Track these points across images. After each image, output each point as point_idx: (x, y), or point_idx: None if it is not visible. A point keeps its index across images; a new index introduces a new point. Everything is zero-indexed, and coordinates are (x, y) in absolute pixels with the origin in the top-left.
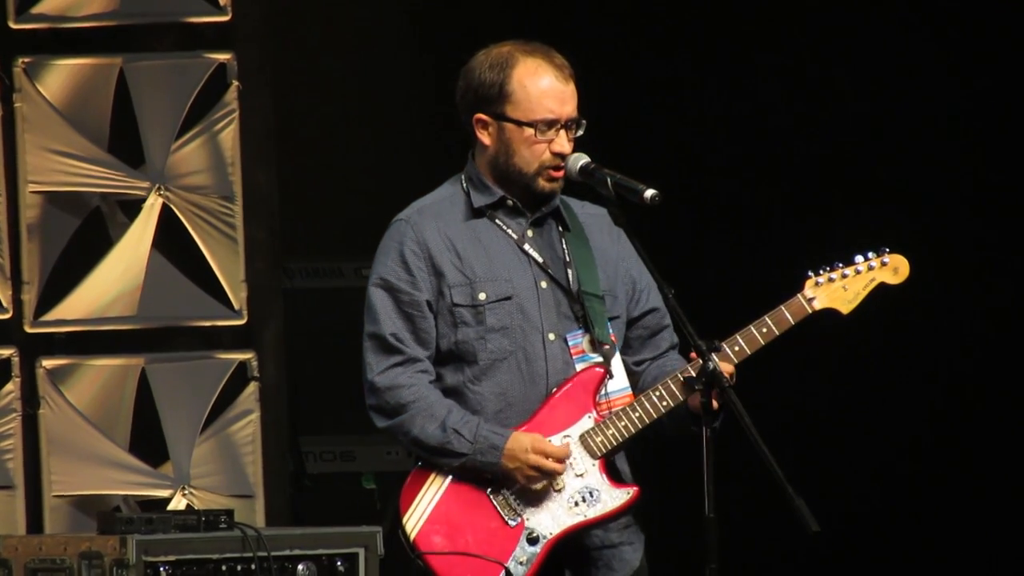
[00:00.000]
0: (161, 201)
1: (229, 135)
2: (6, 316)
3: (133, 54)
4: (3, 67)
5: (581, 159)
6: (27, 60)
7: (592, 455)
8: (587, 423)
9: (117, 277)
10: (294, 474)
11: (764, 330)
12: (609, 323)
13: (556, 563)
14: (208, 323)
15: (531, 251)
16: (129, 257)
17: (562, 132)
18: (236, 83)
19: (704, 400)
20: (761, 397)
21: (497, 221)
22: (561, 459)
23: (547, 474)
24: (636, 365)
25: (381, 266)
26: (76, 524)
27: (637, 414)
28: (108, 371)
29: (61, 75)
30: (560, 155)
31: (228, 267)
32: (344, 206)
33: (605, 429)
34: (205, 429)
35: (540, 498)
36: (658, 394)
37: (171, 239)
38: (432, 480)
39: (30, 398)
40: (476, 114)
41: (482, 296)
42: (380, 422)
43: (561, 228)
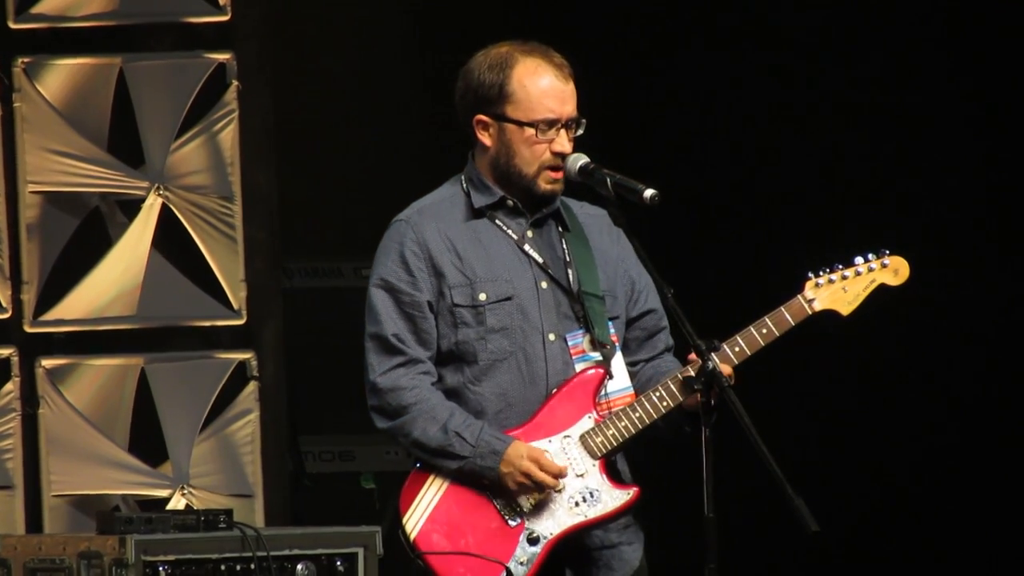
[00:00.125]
0: (160, 201)
1: (228, 135)
2: (5, 316)
3: (132, 54)
4: (2, 67)
5: (580, 159)
6: (26, 60)
7: (592, 455)
8: (587, 423)
9: (116, 277)
10: (293, 474)
11: (764, 331)
12: (610, 323)
13: (557, 563)
14: (207, 323)
15: (531, 251)
16: (128, 257)
17: (562, 132)
18: (236, 83)
19: (704, 400)
20: (761, 397)
21: (497, 221)
22: (555, 474)
23: (537, 484)
24: (631, 366)
25: (381, 267)
26: (75, 524)
27: (637, 414)
28: (107, 371)
29: (60, 75)
30: (560, 155)
31: (227, 267)
32: (343, 206)
33: (605, 429)
34: (204, 429)
35: (538, 501)
36: (658, 394)
37: (170, 239)
38: (432, 480)
39: (29, 398)
40: (476, 115)
41: (482, 296)
42: (381, 423)
43: (561, 228)
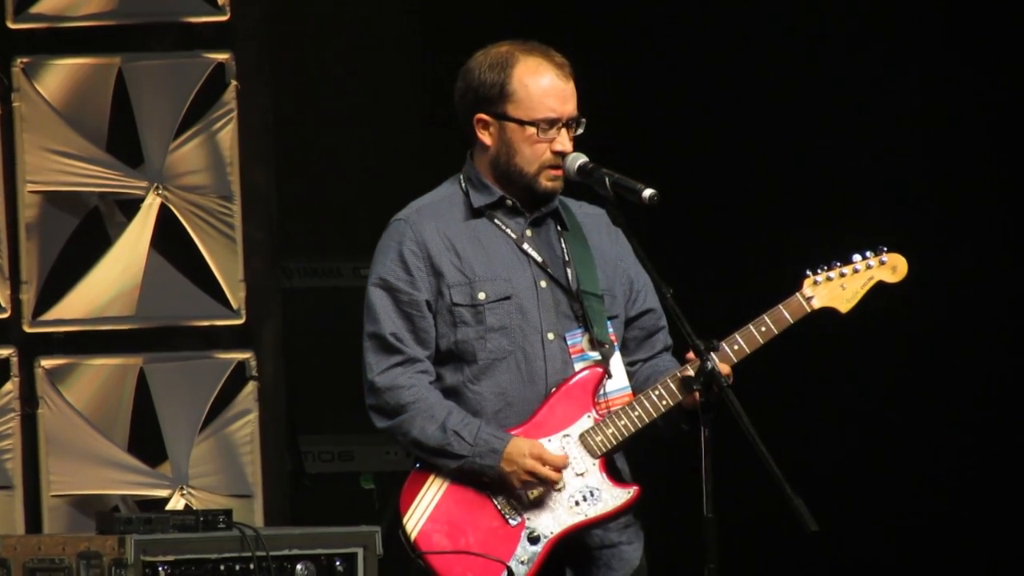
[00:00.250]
0: (159, 201)
1: (227, 135)
2: (5, 316)
3: (132, 54)
4: (2, 67)
5: (579, 158)
6: (25, 60)
7: (592, 454)
8: (586, 422)
9: (116, 277)
10: (293, 474)
11: (763, 329)
12: (609, 322)
13: (557, 562)
14: (207, 323)
15: (530, 251)
16: (127, 257)
17: (563, 131)
18: (235, 83)
19: (703, 400)
20: (760, 396)
21: (496, 221)
22: (558, 468)
23: (542, 481)
24: (630, 366)
25: (380, 266)
26: (75, 524)
27: (636, 413)
28: (107, 371)
29: (59, 75)
30: (561, 154)
31: (226, 267)
32: (342, 206)
33: (605, 428)
34: (204, 429)
35: (541, 498)
36: (657, 393)
37: (170, 239)
38: (432, 480)
39: (29, 398)
40: (477, 114)
41: (481, 296)
42: (380, 422)
43: (560, 228)
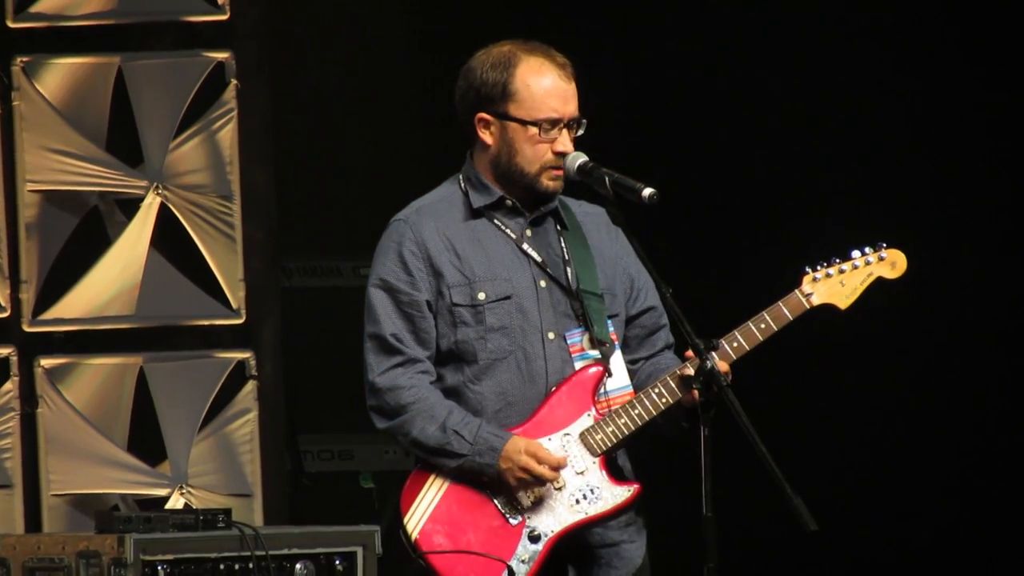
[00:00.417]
0: (159, 200)
1: (227, 134)
2: (4, 315)
3: (131, 53)
4: (1, 66)
5: (579, 158)
6: (25, 59)
7: (592, 453)
8: (586, 421)
9: (115, 276)
10: (292, 473)
11: (762, 326)
12: (609, 321)
13: (559, 561)
14: (206, 322)
15: (530, 250)
16: (127, 256)
17: (564, 131)
18: (234, 82)
19: (703, 399)
20: (759, 395)
21: (496, 221)
22: (555, 466)
23: (537, 479)
24: (631, 364)
25: (380, 267)
26: (74, 523)
27: (636, 411)
28: (106, 370)
29: (59, 74)
30: (561, 154)
31: (226, 266)
32: (342, 205)
33: (605, 427)
34: (203, 428)
35: (541, 497)
36: (657, 391)
37: (169, 238)
38: (433, 480)
39: (28, 397)
40: (478, 113)
41: (481, 296)
42: (380, 423)
43: (559, 227)
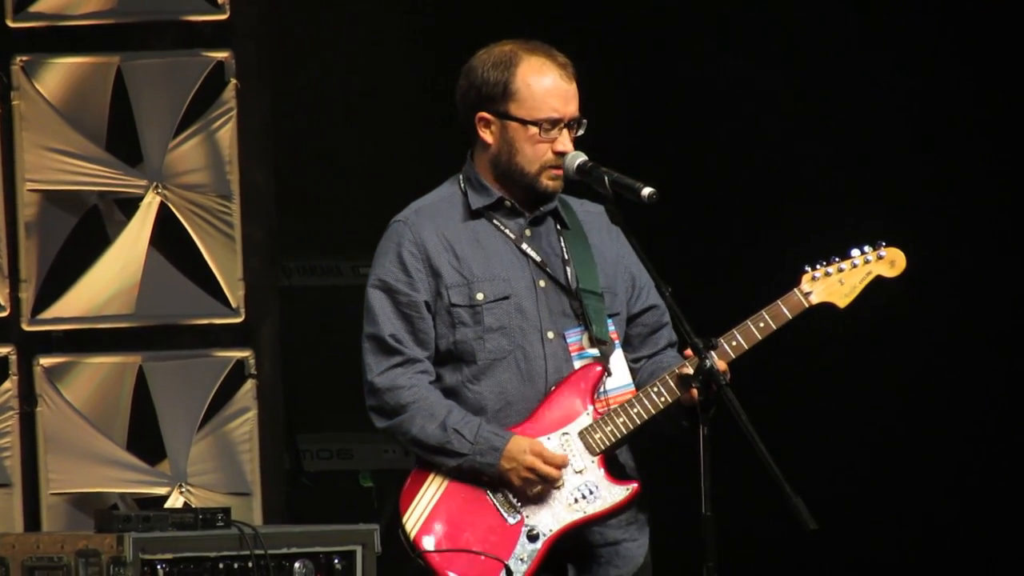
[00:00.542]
0: (159, 199)
1: (227, 133)
2: (4, 314)
3: (131, 52)
4: (1, 65)
5: (579, 157)
6: (25, 58)
7: (591, 451)
8: (586, 420)
9: (115, 275)
10: (291, 472)
11: (761, 325)
12: (609, 320)
13: (558, 560)
14: (205, 321)
15: (529, 250)
16: (127, 255)
17: (564, 131)
18: (234, 81)
19: (702, 398)
20: (759, 395)
21: (495, 221)
22: (558, 465)
23: (542, 478)
24: (634, 362)
25: (379, 267)
26: (73, 522)
27: (636, 410)
28: (105, 369)
29: (59, 73)
30: (561, 154)
31: (225, 265)
32: (342, 204)
33: (604, 426)
34: (202, 427)
35: (540, 495)
36: (656, 390)
37: (169, 237)
38: (432, 480)
39: (28, 396)
40: (479, 112)
41: (480, 296)
42: (380, 423)
43: (559, 226)
